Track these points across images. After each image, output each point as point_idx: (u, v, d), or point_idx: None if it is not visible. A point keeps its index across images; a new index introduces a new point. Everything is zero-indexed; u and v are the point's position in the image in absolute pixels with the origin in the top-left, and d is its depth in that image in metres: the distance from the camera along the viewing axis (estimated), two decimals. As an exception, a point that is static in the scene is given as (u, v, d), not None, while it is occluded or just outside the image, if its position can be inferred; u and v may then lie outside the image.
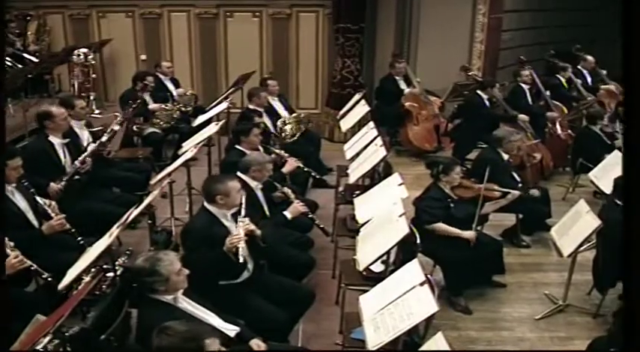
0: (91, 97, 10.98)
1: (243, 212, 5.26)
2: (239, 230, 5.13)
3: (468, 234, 6.39)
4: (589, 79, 11.62)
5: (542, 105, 10.40)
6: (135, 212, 5.53)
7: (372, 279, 5.29)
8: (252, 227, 5.25)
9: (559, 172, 10.04)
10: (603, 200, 7.34)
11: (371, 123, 8.31)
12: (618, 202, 6.20)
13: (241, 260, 4.98)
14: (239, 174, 6.30)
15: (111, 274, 5.14)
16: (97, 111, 10.85)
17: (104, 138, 7.35)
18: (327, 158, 9.79)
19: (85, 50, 10.88)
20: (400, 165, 9.37)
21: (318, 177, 7.75)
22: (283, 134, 9.01)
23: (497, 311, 6.52)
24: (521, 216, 7.78)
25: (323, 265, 6.80)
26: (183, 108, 9.84)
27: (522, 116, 9.66)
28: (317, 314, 5.99)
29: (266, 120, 9.09)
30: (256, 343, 4.60)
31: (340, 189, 7.99)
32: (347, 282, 5.81)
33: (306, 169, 7.61)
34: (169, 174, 7.12)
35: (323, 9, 11.38)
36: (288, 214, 6.28)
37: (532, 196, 7.66)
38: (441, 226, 6.38)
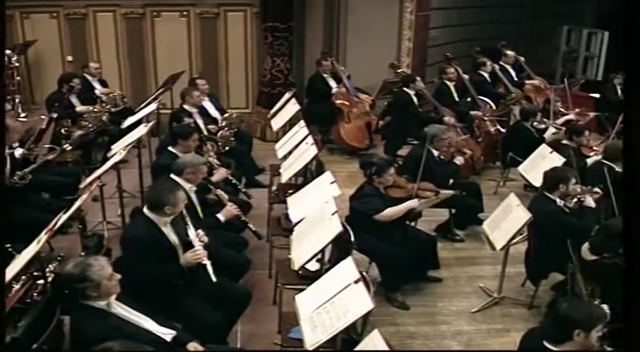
0: (17, 100, 10.70)
1: (189, 222, 5.28)
2: (196, 244, 5.17)
3: (412, 202, 6.50)
4: (514, 74, 11.86)
5: (469, 101, 10.59)
6: (64, 217, 5.42)
7: (308, 278, 5.32)
8: (207, 239, 5.29)
9: (489, 167, 10.24)
10: (534, 193, 7.50)
11: (301, 122, 8.34)
12: (547, 194, 6.38)
13: (214, 278, 5.05)
14: (172, 176, 6.23)
15: (41, 281, 5.03)
16: (22, 115, 10.59)
17: (51, 157, 7.24)
18: (260, 157, 9.76)
19: (8, 52, 10.60)
20: (333, 163, 9.49)
21: (244, 190, 7.69)
22: (219, 142, 8.88)
23: (434, 306, 6.62)
24: (453, 210, 7.93)
25: (259, 265, 6.78)
26: (113, 109, 9.66)
27: (447, 118, 9.75)
28: (255, 314, 5.98)
29: (198, 120, 9.00)
30: (194, 346, 4.56)
31: (274, 188, 7.98)
32: (283, 282, 5.83)
33: (234, 181, 7.55)
34: (99, 177, 7.02)
35: (251, 8, 11.31)
36: (221, 217, 6.29)
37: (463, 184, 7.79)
38: (389, 211, 6.39)
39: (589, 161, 7.93)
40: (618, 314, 4.67)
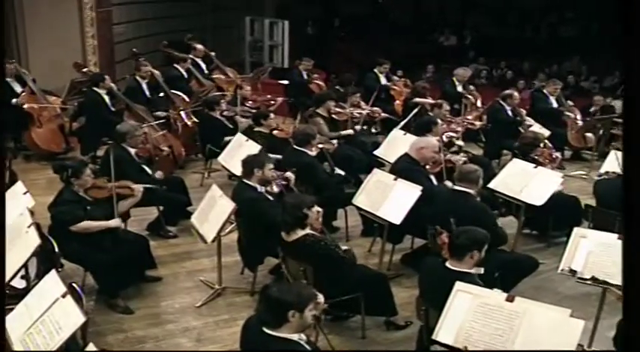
0: None
1: None
2: None
3: (114, 222, 6.33)
4: (204, 67, 12.09)
5: (163, 96, 10.62)
6: None
7: (17, 297, 5.01)
8: None
9: (192, 159, 10.42)
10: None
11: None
12: (246, 182, 6.60)
13: None
14: None
15: None
16: None
17: None
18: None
19: None
20: (31, 171, 9.23)
21: None
22: None
23: (159, 306, 6.53)
24: (162, 207, 7.87)
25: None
26: None
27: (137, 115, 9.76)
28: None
29: None
30: None
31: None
32: (-8, 304, 5.43)
33: None
34: None
35: None
36: None
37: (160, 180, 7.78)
38: (86, 223, 6.18)
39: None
40: (330, 290, 5.00)
